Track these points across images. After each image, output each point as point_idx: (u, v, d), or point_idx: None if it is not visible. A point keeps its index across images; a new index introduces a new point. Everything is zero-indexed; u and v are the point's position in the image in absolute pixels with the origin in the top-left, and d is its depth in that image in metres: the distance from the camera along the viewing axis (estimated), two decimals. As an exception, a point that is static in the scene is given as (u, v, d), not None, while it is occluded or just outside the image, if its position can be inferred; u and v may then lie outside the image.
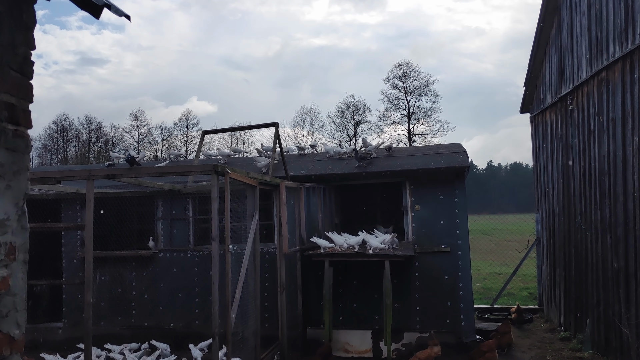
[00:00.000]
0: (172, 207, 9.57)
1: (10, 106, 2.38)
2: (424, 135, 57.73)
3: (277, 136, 8.24)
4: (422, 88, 57.23)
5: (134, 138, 58.91)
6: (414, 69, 57.85)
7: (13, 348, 2.35)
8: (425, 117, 57.48)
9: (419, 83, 57.29)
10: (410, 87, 57.52)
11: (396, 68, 58.30)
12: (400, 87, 57.51)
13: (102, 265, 9.54)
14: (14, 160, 2.39)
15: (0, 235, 2.30)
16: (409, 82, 57.55)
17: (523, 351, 8.53)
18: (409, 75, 57.52)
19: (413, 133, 57.39)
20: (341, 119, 60.06)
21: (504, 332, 8.29)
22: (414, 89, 57.47)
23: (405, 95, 57.48)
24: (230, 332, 5.55)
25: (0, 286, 2.28)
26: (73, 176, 5.68)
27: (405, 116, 57.61)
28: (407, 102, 57.44)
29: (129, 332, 9.23)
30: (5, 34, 2.36)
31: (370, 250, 7.87)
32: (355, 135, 59.85)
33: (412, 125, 57.34)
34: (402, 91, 57.49)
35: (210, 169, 5.33)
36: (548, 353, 8.29)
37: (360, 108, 59.94)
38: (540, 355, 8.20)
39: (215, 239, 5.35)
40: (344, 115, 59.88)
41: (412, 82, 57.60)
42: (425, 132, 57.73)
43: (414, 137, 57.21)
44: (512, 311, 10.61)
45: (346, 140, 59.91)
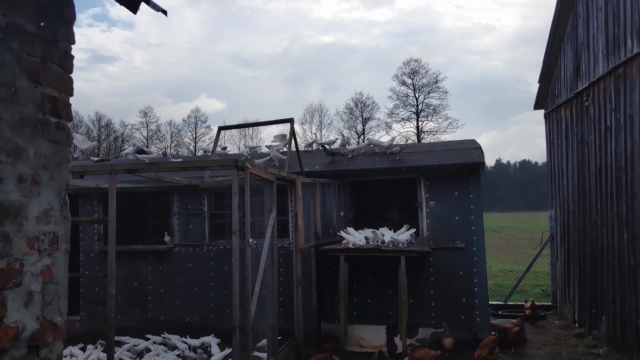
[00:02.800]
0: (187, 203, 9.65)
1: (53, 99, 2.44)
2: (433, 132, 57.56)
3: (293, 132, 8.29)
4: (430, 85, 57.05)
5: (143, 135, 59.24)
6: (423, 65, 57.65)
7: (56, 335, 2.43)
8: (434, 114, 57.32)
9: (428, 80, 57.10)
10: (419, 84, 57.35)
11: (405, 65, 58.13)
12: (409, 83, 57.37)
13: (119, 260, 9.57)
14: (56, 152, 2.46)
15: (45, 224, 2.36)
16: (418, 78, 57.39)
17: (538, 347, 8.53)
18: (418, 72, 57.36)
19: (422, 130, 57.24)
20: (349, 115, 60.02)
21: (518, 329, 8.29)
22: (422, 86, 57.29)
23: (414, 92, 57.34)
24: (250, 325, 5.61)
25: (45, 275, 2.35)
26: (96, 170, 5.76)
27: (413, 113, 57.47)
28: (415, 99, 57.29)
29: (145, 326, 9.33)
30: (47, 29, 2.42)
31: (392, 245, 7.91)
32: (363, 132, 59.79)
33: (420, 122, 57.23)
34: (411, 88, 57.34)
35: (231, 164, 5.39)
36: (563, 349, 8.29)
37: (368, 105, 59.87)
38: (556, 352, 8.20)
39: (235, 233, 5.41)
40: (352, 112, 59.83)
41: (420, 79, 57.43)
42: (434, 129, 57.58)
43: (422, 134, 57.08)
44: (526, 307, 10.59)
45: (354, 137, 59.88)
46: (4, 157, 2.12)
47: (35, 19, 2.34)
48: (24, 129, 2.25)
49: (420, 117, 57.33)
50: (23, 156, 2.24)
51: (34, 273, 2.28)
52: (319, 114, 61.73)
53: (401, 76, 57.60)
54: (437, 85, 57.04)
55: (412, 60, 57.96)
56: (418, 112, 57.29)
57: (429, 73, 57.14)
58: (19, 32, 2.24)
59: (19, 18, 2.24)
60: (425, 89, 57.35)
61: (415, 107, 57.31)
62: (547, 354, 8.14)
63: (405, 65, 57.92)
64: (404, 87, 57.45)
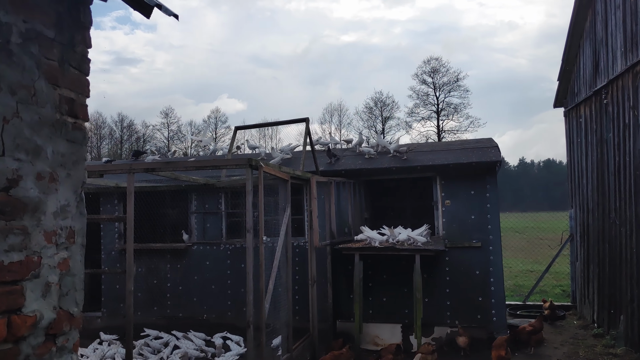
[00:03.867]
0: (205, 202, 9.81)
1: (70, 100, 2.56)
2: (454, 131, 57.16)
3: (308, 131, 8.37)
4: (451, 83, 56.65)
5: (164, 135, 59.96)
6: (444, 64, 57.26)
7: (72, 324, 2.54)
8: (455, 113, 56.90)
9: (449, 78, 56.71)
10: (440, 82, 56.99)
11: (425, 63, 57.81)
12: (429, 82, 57.06)
13: (138, 257, 9.83)
14: (73, 151, 2.57)
15: (62, 219, 2.48)
16: (438, 77, 57.03)
17: (556, 347, 8.48)
18: (438, 71, 57.00)
19: (442, 129, 56.88)
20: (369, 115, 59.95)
21: (532, 329, 8.25)
22: (443, 85, 56.93)
23: (435, 90, 57.00)
24: (264, 322, 5.71)
25: (61, 267, 2.47)
26: (115, 170, 5.93)
27: (434, 112, 57.13)
28: (436, 98, 56.95)
29: (164, 322, 9.52)
30: (65, 33, 2.54)
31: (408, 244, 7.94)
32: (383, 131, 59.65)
33: (441, 121, 56.87)
34: (431, 87, 57.02)
35: (244, 163, 5.49)
36: (581, 349, 8.22)
37: (388, 104, 59.72)
38: (573, 351, 8.14)
39: (249, 231, 5.52)
40: (372, 111, 59.74)
41: (441, 78, 57.06)
42: (455, 128, 57.17)
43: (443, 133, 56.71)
44: (544, 307, 10.52)
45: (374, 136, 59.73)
46: (23, 156, 2.25)
47: (54, 25, 2.46)
48: (43, 128, 2.37)
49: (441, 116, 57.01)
50: (42, 154, 2.36)
51: (52, 265, 2.40)
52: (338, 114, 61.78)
53: (421, 75, 57.32)
54: (457, 83, 56.64)
55: (432, 59, 57.63)
56: (438, 111, 56.95)
57: (449, 71, 56.75)
58: (38, 37, 2.36)
59: (38, 24, 2.37)
60: (445, 88, 56.98)
61: (436, 106, 56.99)
62: (564, 353, 8.08)
63: (425, 64, 57.62)
64: (424, 86, 57.18)
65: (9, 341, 2.15)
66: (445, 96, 57.21)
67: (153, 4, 2.60)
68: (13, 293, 2.18)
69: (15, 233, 2.19)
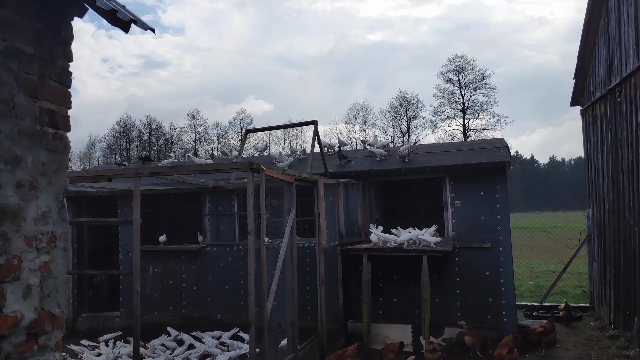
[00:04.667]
0: (218, 204, 10.00)
1: (51, 112, 2.70)
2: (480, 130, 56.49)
3: (316, 133, 8.46)
4: (477, 81, 56.00)
5: (191, 137, 60.79)
6: (469, 62, 56.62)
7: (54, 324, 2.68)
8: (481, 112, 56.23)
9: (475, 76, 56.08)
10: (465, 80, 56.41)
11: (450, 62, 57.28)
12: (454, 81, 56.53)
13: (154, 259, 10.12)
14: (54, 160, 2.72)
15: (43, 225, 2.63)
16: (464, 75, 56.44)
17: (568, 348, 8.38)
18: (464, 69, 56.41)
19: (468, 128, 56.27)
20: (393, 114, 59.67)
21: (542, 330, 8.17)
22: (469, 83, 56.33)
23: (460, 89, 56.45)
24: (266, 321, 5.83)
25: (42, 270, 2.62)
26: (122, 174, 6.13)
27: (459, 111, 56.57)
28: (461, 97, 56.40)
29: (180, 322, 9.75)
30: (45, 49, 2.68)
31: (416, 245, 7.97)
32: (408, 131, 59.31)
33: (467, 120, 56.28)
34: (457, 85, 56.48)
35: (245, 167, 5.62)
36: (593, 351, 8.11)
37: (413, 103, 59.33)
38: (585, 353, 8.03)
39: (250, 233, 5.65)
40: (397, 111, 59.45)
41: (467, 76, 56.45)
42: (481, 126, 56.49)
43: (469, 132, 56.11)
44: (560, 309, 10.38)
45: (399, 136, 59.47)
46: (2, 165, 2.40)
47: (33, 41, 2.61)
48: (22, 139, 2.52)
49: (467, 115, 56.42)
50: (21, 164, 2.51)
51: (32, 268, 2.55)
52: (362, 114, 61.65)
53: (446, 73, 56.84)
54: (484, 81, 55.98)
55: (457, 57, 57.07)
56: (464, 109, 56.37)
57: (475, 69, 56.12)
58: (17, 54, 2.51)
59: (17, 41, 2.52)
60: (471, 86, 56.37)
61: (462, 104, 56.43)
62: (577, 355, 7.98)
63: (450, 62, 57.08)
64: (449, 85, 56.68)
65: (-11, 339, 2.30)
66: (471, 94, 56.62)
67: (128, 19, 2.72)
68: (-7, 294, 2.33)
69: (-6, 238, 2.35)
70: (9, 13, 2.47)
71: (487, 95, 56.35)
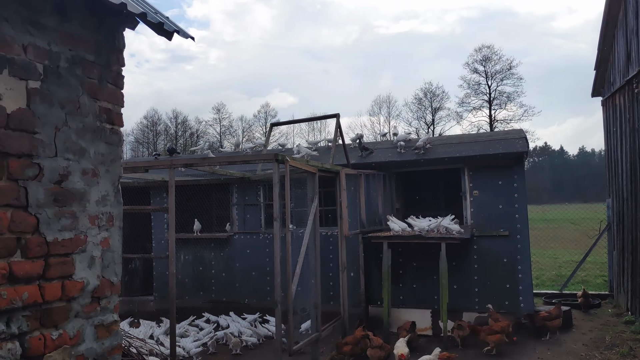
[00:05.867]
0: (245, 194, 10.48)
1: (108, 110, 3.17)
2: (506, 120, 55.98)
3: (338, 126, 8.84)
4: (504, 71, 55.35)
5: (216, 130, 61.63)
6: (496, 52, 55.88)
7: (112, 290, 3.16)
8: (508, 102, 55.66)
9: (501, 66, 55.40)
10: (492, 70, 55.82)
11: (476, 52, 56.69)
12: (480, 71, 55.99)
13: (185, 246, 10.68)
14: (110, 151, 3.18)
15: (102, 206, 3.10)
16: (490, 65, 55.82)
17: (583, 332, 8.63)
18: (490, 59, 55.80)
19: (494, 119, 55.80)
20: (418, 106, 59.49)
21: (546, 315, 8.42)
22: (495, 73, 55.70)
23: (486, 79, 55.91)
24: (291, 303, 6.27)
25: (103, 244, 3.09)
26: (158, 165, 6.62)
27: (486, 101, 56.09)
28: (488, 87, 55.89)
29: (209, 306, 10.31)
30: (103, 56, 3.14)
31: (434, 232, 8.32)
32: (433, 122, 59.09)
33: (493, 110, 55.80)
34: (483, 75, 55.94)
35: (271, 158, 6.05)
36: (608, 334, 8.35)
37: (438, 95, 59.04)
38: (600, 337, 8.28)
39: (276, 220, 6.08)
40: (421, 102, 59.25)
41: (493, 66, 55.83)
42: (508, 117, 55.96)
43: (495, 123, 55.64)
44: (578, 296, 10.60)
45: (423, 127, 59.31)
46: (71, 156, 2.87)
47: (94, 51, 3.07)
48: (86, 134, 2.99)
49: (493, 106, 55.93)
50: (85, 155, 2.98)
51: (95, 243, 3.02)
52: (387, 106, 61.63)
53: (472, 64, 56.29)
54: (510, 71, 55.29)
55: (484, 47, 56.43)
56: (491, 100, 55.87)
57: (502, 59, 55.42)
58: (81, 62, 2.97)
59: (81, 51, 2.98)
60: (498, 76, 55.77)
61: (488, 95, 55.94)
62: (591, 339, 8.24)
63: (476, 52, 56.49)
64: (475, 75, 56.14)
65: (63, 300, 2.78)
66: (498, 85, 56.03)
67: (172, 30, 3.16)
68: (65, 263, 2.81)
69: (66, 216, 2.82)
70: (74, 27, 2.93)
71: (514, 85, 55.68)
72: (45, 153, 2.71)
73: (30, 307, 2.59)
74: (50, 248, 2.71)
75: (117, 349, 3.16)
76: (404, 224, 8.88)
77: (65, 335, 2.78)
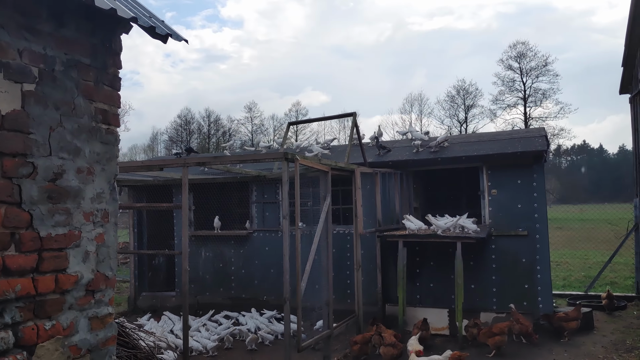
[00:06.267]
0: (264, 192, 10.62)
1: (104, 111, 3.29)
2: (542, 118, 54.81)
3: (355, 125, 8.86)
4: (539, 68, 54.24)
5: (248, 129, 62.29)
6: (531, 48, 54.75)
7: (107, 284, 3.29)
8: (544, 99, 54.48)
9: (537, 63, 54.30)
10: (527, 67, 54.74)
11: (511, 48, 55.70)
12: (515, 68, 54.97)
13: (205, 243, 10.89)
14: (106, 150, 3.31)
15: (98, 203, 3.23)
16: (525, 62, 54.77)
17: (604, 335, 8.44)
18: (525, 55, 54.73)
19: (529, 116, 54.70)
20: (451, 104, 58.84)
21: (563, 316, 8.25)
22: (530, 70, 54.64)
23: (521, 76, 54.85)
24: (300, 299, 6.35)
25: (98, 240, 3.22)
26: (172, 164, 6.79)
27: (520, 99, 55.05)
28: (522, 84, 54.83)
29: (229, 302, 10.49)
30: (99, 59, 3.27)
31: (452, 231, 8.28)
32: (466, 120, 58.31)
33: (528, 108, 54.70)
34: (517, 72, 54.89)
35: (281, 157, 6.13)
36: (629, 337, 8.14)
37: (471, 92, 58.25)
38: (620, 339, 8.08)
39: (285, 217, 6.16)
40: (454, 100, 58.57)
41: (528, 62, 54.76)
42: (543, 115, 54.78)
43: (530, 121, 54.54)
44: (602, 297, 10.35)
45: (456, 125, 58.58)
46: (66, 155, 3.00)
47: (90, 54, 3.20)
48: (81, 134, 3.12)
49: (528, 103, 54.83)
50: (81, 154, 3.11)
51: (90, 238, 3.15)
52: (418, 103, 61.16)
53: (507, 60, 55.31)
54: (546, 68, 54.12)
55: (518, 43, 55.34)
56: (525, 97, 54.81)
57: (537, 56, 54.29)
58: (77, 65, 3.11)
59: (77, 54, 3.11)
60: (533, 73, 54.69)
61: (523, 92, 54.90)
62: (611, 341, 8.05)
63: (511, 49, 55.49)
64: (509, 72, 55.14)
65: (56, 292, 2.92)
66: (533, 82, 54.92)
67: (165, 33, 3.26)
68: (59, 257, 2.94)
69: (60, 213, 2.95)
70: (69, 32, 3.06)
71: (549, 82, 54.46)
72: (39, 152, 2.85)
73: (23, 298, 2.73)
74: (44, 243, 2.85)
75: (112, 340, 3.29)
76: (420, 223, 8.85)
77: (58, 326, 2.92)
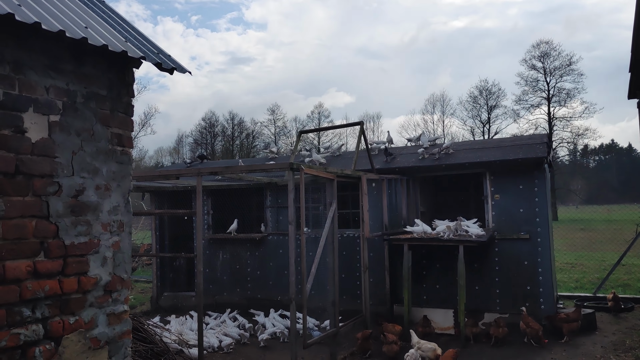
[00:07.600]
0: (278, 197, 11.11)
1: (119, 135, 3.81)
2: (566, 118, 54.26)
3: (362, 133, 9.26)
4: (563, 67, 53.69)
5: (271, 131, 62.91)
6: (554, 47, 54.26)
7: (123, 285, 3.80)
8: (568, 99, 53.88)
9: (561, 62, 53.77)
10: (551, 67, 54.24)
11: (534, 48, 55.31)
12: (539, 67, 54.53)
13: (223, 246, 11.44)
14: (121, 169, 3.82)
15: (114, 215, 3.74)
16: (549, 61, 54.28)
17: (605, 335, 8.68)
18: (549, 55, 54.27)
19: (553, 116, 54.17)
20: (473, 104, 58.67)
21: (563, 317, 8.50)
22: (554, 69, 54.11)
23: (545, 76, 54.37)
24: (306, 299, 6.80)
25: (114, 247, 3.73)
26: (187, 174, 7.32)
27: (544, 99, 54.57)
28: (546, 84, 54.34)
29: (245, 302, 11.01)
30: (114, 90, 3.79)
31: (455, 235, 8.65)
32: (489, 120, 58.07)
33: (552, 108, 54.18)
34: (541, 72, 54.40)
35: (286, 166, 6.60)
36: (629, 338, 8.37)
37: (494, 92, 57.99)
38: (621, 340, 8.31)
39: (291, 223, 6.63)
40: (477, 100, 58.38)
41: (552, 62, 54.26)
42: (568, 114, 54.21)
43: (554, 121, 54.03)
44: (608, 299, 10.55)
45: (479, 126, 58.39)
46: (86, 174, 3.52)
47: (106, 87, 3.72)
48: (99, 156, 3.64)
49: (552, 103, 54.31)
50: (99, 173, 3.63)
51: (107, 246, 3.66)
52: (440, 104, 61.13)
53: (530, 60, 54.91)
54: (570, 67, 53.55)
55: (542, 43, 54.91)
56: (549, 97, 54.30)
57: (561, 55, 53.76)
58: (95, 96, 3.63)
59: (95, 88, 3.63)
60: (557, 72, 54.16)
61: (546, 92, 54.40)
62: (611, 342, 8.29)
63: (534, 48, 55.10)
64: (533, 72, 54.70)
65: (79, 292, 3.44)
66: (557, 81, 54.37)
67: (170, 67, 3.76)
68: (81, 262, 3.46)
69: (81, 224, 3.47)
70: (88, 69, 3.58)
71: (574, 81, 54.01)
72: (63, 173, 3.37)
73: (51, 297, 3.26)
74: (68, 250, 3.37)
75: (127, 334, 3.80)
76: (426, 226, 9.23)
77: (81, 321, 3.44)
